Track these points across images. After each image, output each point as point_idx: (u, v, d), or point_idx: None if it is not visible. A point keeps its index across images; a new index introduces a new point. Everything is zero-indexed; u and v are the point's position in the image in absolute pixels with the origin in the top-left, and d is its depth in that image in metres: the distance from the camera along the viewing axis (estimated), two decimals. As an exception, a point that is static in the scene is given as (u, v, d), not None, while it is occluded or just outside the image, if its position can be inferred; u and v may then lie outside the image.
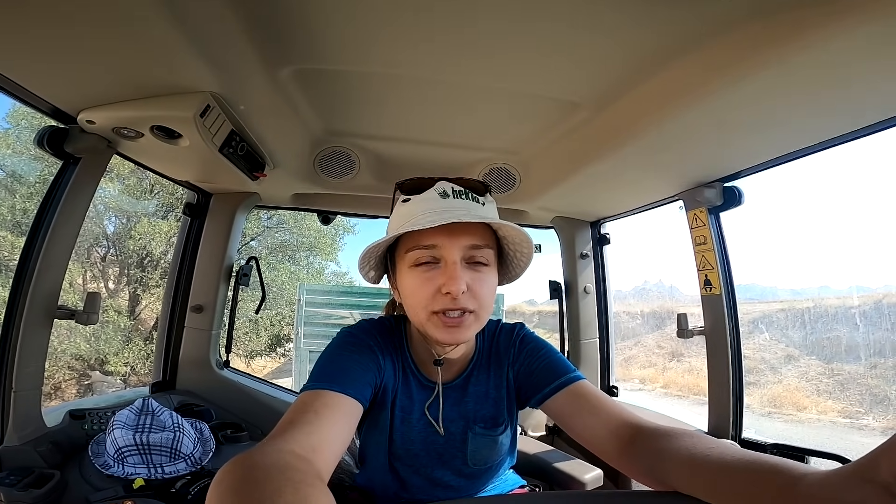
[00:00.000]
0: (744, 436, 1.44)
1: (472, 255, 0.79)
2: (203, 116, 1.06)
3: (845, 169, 15.87)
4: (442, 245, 0.77)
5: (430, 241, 0.77)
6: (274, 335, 10.30)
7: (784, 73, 0.86)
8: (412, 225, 0.76)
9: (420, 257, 0.78)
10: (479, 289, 0.78)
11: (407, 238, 0.80)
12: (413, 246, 0.79)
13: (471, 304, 0.77)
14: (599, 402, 0.81)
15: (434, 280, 0.77)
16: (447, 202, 0.78)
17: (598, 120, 1.27)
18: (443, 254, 0.77)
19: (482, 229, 0.81)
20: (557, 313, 2.14)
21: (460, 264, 0.77)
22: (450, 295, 0.75)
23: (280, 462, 0.51)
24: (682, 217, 1.56)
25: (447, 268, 0.76)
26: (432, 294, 0.77)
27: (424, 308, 0.78)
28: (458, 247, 0.77)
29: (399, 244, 0.83)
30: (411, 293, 0.80)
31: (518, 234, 0.82)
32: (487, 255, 0.81)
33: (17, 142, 7.77)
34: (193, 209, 1.81)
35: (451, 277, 0.75)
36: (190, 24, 0.83)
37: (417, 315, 0.81)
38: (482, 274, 0.80)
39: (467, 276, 0.77)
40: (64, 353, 7.60)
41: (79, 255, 8.22)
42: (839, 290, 8.28)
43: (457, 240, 0.77)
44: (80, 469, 1.14)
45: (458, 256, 0.77)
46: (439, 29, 0.92)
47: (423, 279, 0.78)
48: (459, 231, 0.77)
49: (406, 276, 0.81)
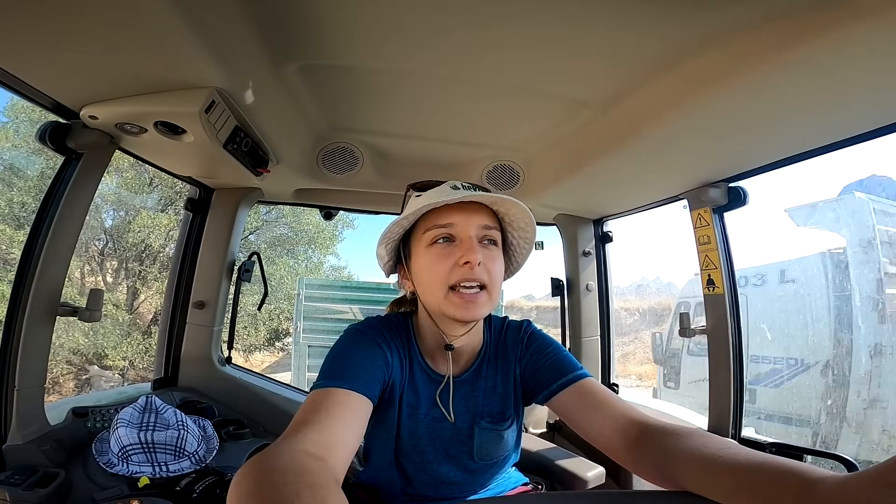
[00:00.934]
0: (743, 434, 1.44)
1: (485, 234, 0.86)
2: (208, 112, 1.05)
3: (847, 172, 15.89)
4: (458, 223, 0.84)
5: (448, 220, 0.84)
6: (272, 330, 10.31)
7: (791, 74, 0.86)
8: (432, 204, 0.83)
9: (437, 235, 0.85)
10: (491, 266, 0.84)
11: (424, 221, 0.87)
12: (431, 226, 0.85)
13: (485, 278, 0.83)
14: (606, 400, 0.83)
15: (452, 255, 0.83)
16: (459, 192, 0.85)
17: (603, 119, 1.27)
18: (459, 231, 0.84)
19: (491, 215, 0.88)
20: (555, 309, 2.16)
21: (475, 239, 0.84)
22: (468, 265, 0.81)
23: (296, 464, 0.52)
24: (684, 214, 1.56)
25: (464, 242, 0.83)
26: (450, 267, 0.82)
27: (442, 283, 0.83)
28: (473, 224, 0.84)
29: (415, 229, 0.89)
30: (429, 270, 0.85)
31: (524, 217, 0.89)
32: (496, 237, 0.88)
33: (15, 135, 7.72)
34: (195, 204, 1.80)
35: (469, 248, 0.82)
36: (195, 19, 0.82)
37: (434, 293, 0.85)
38: (493, 253, 0.87)
39: (481, 252, 0.83)
40: (62, 347, 7.59)
41: (77, 249, 8.18)
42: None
43: (471, 218, 0.84)
44: (85, 467, 1.14)
45: (473, 233, 0.84)
46: (446, 26, 0.92)
47: (441, 255, 0.84)
48: (473, 212, 0.85)
49: (423, 256, 0.86)
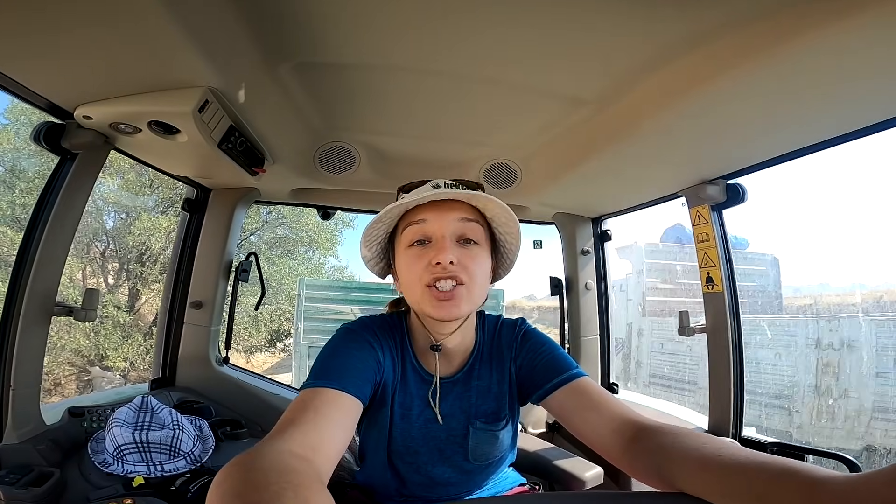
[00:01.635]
0: (744, 434, 1.44)
1: (463, 233, 0.84)
2: (201, 111, 1.05)
3: (848, 166, 15.82)
4: (431, 219, 0.83)
5: (420, 216, 0.83)
6: (273, 330, 10.29)
7: (789, 70, 0.85)
8: (403, 205, 0.83)
9: (413, 236, 0.84)
10: (468, 262, 0.82)
11: (402, 221, 0.86)
12: (406, 224, 0.85)
13: (462, 276, 0.81)
14: (602, 399, 0.81)
15: (426, 255, 0.82)
16: (439, 191, 0.84)
17: (601, 116, 1.26)
18: (433, 229, 0.83)
19: (470, 210, 0.86)
20: (557, 309, 2.14)
21: (450, 239, 0.82)
22: (440, 265, 0.80)
23: (280, 464, 0.51)
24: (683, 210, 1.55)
25: (437, 242, 0.82)
26: (424, 267, 0.82)
27: (418, 282, 0.82)
28: (447, 220, 0.83)
29: (396, 230, 0.89)
30: (407, 270, 0.85)
31: (503, 213, 0.86)
32: (476, 232, 0.85)
33: (16, 137, 7.74)
34: (192, 204, 1.80)
35: (440, 249, 0.81)
36: (187, 18, 0.82)
37: (413, 292, 0.84)
38: (472, 251, 0.84)
39: (457, 251, 0.82)
40: (63, 348, 7.60)
41: (78, 251, 8.22)
42: (839, 287, 8.28)
43: (446, 214, 0.83)
44: (80, 467, 1.14)
45: (447, 231, 0.82)
46: (442, 23, 0.91)
47: (416, 255, 0.83)
48: (447, 208, 0.83)
49: (403, 257, 0.86)
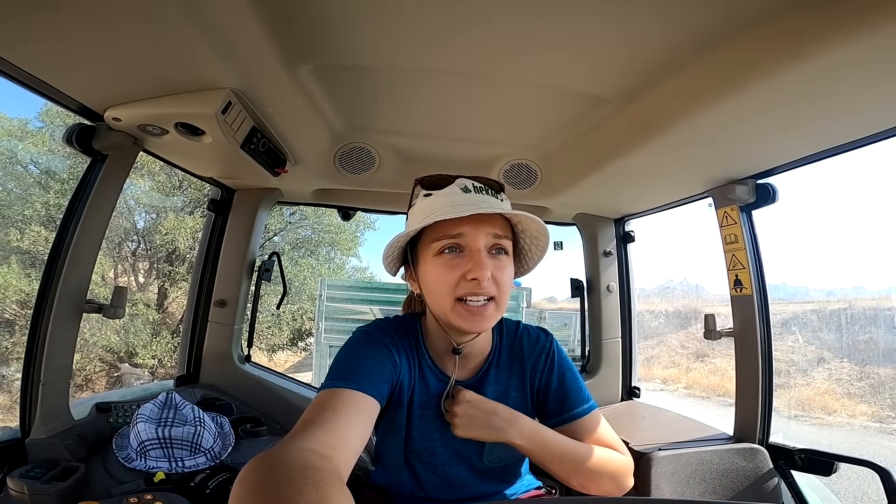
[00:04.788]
0: (771, 440, 1.38)
1: (495, 244, 0.84)
2: (225, 113, 1.07)
3: (882, 165, 15.22)
4: (468, 234, 0.81)
5: (457, 231, 0.81)
6: (295, 330, 10.48)
7: (822, 67, 0.81)
8: (441, 215, 0.80)
9: (445, 245, 0.82)
10: (500, 276, 0.82)
11: (432, 229, 0.84)
12: (440, 236, 0.82)
13: (493, 290, 0.82)
14: (599, 439, 0.92)
15: (459, 266, 0.81)
16: (469, 196, 0.83)
17: (623, 114, 1.23)
18: (468, 242, 0.81)
19: (502, 221, 0.86)
20: (577, 311, 2.10)
21: (485, 252, 0.81)
22: (476, 280, 0.79)
23: (301, 461, 0.52)
24: (710, 213, 1.51)
25: (473, 255, 0.81)
26: (457, 280, 0.81)
27: (449, 294, 0.82)
28: (483, 235, 0.82)
29: (423, 235, 0.87)
30: (435, 280, 0.83)
31: (538, 228, 0.87)
32: (507, 245, 0.86)
33: (51, 140, 8.05)
34: (217, 205, 1.84)
35: (478, 264, 0.79)
36: (211, 21, 0.83)
37: (441, 303, 0.83)
38: (503, 262, 0.84)
39: (490, 263, 0.81)
40: (95, 345, 7.87)
41: (110, 250, 8.50)
42: (875, 290, 7.97)
43: (482, 228, 0.82)
44: (104, 462, 1.16)
45: (482, 244, 0.81)
46: (462, 24, 0.91)
47: (448, 266, 0.82)
48: (483, 221, 0.82)
49: (430, 265, 0.84)
